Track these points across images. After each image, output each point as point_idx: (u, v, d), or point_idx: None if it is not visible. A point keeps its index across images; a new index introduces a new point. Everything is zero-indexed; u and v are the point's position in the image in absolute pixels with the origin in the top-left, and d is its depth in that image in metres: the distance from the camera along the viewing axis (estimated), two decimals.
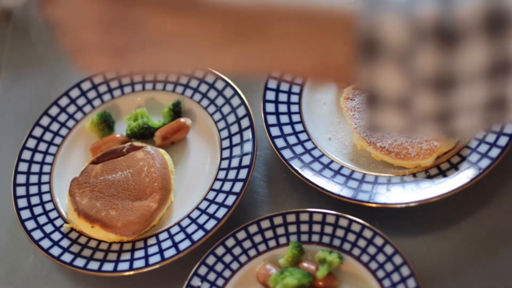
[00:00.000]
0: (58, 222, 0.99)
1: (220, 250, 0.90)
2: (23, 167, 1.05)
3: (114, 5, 0.59)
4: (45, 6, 0.63)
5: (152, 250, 0.94)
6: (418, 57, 0.52)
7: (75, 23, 0.62)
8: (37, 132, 1.08)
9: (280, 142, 0.98)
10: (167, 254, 0.92)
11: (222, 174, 0.98)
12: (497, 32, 0.51)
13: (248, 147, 0.99)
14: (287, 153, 0.97)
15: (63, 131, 1.09)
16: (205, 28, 0.58)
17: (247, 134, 1.01)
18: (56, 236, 0.97)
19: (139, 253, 0.94)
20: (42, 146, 1.07)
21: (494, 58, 0.52)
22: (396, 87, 0.53)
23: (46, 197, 1.02)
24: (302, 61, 0.58)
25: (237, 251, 0.90)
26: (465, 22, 0.51)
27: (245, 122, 1.02)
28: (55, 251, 0.95)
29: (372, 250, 0.87)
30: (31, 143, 1.07)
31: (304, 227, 0.91)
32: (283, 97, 1.03)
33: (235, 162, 0.99)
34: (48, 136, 1.08)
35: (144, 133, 1.06)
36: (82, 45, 0.62)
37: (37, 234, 0.97)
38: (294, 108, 1.03)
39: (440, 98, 0.53)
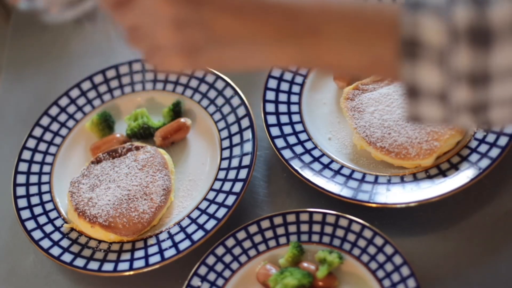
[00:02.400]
0: (58, 222, 0.99)
1: (220, 250, 0.90)
2: (23, 167, 1.05)
3: (186, 7, 0.64)
4: (117, 12, 0.67)
5: (152, 250, 0.94)
6: (454, 56, 0.57)
7: (150, 26, 0.66)
8: (37, 132, 1.08)
9: (280, 142, 0.98)
10: (167, 254, 0.92)
11: (222, 174, 0.98)
12: None
13: (248, 147, 0.99)
14: (287, 153, 0.97)
15: (63, 131, 1.09)
16: (264, 26, 0.64)
17: (247, 134, 1.01)
18: (56, 236, 0.97)
19: (139, 253, 0.94)
20: (42, 146, 1.07)
21: None
22: (435, 82, 0.58)
23: (46, 197, 1.02)
24: (351, 59, 0.63)
25: (237, 251, 0.90)
26: (498, 25, 0.56)
27: (245, 122, 1.02)
28: (55, 251, 0.95)
29: (372, 250, 0.87)
30: (31, 143, 1.07)
31: (304, 227, 0.91)
32: (283, 97, 1.03)
33: (235, 162, 0.99)
34: (48, 136, 1.08)
35: (144, 133, 1.06)
36: (157, 46, 0.66)
37: (37, 234, 0.97)
38: (294, 108, 1.03)
39: (475, 92, 0.58)
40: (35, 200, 1.01)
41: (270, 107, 1.02)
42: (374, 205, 0.90)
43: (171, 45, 0.65)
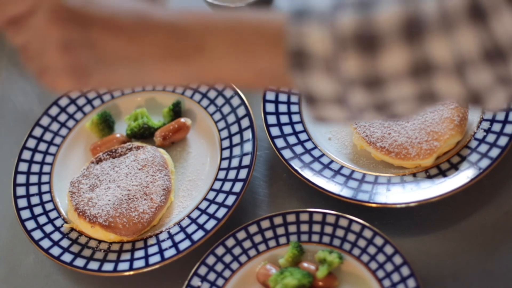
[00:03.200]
0: (58, 222, 0.99)
1: (220, 250, 0.90)
2: (23, 167, 1.05)
3: (73, 29, 0.64)
4: (9, 30, 0.67)
5: (152, 250, 0.94)
6: (343, 63, 0.57)
7: (38, 47, 0.66)
8: (37, 132, 1.08)
9: (280, 142, 0.98)
10: (167, 254, 0.92)
11: (222, 174, 0.98)
12: (415, 37, 0.55)
13: (248, 147, 0.99)
14: (287, 153, 0.97)
15: (63, 131, 1.09)
16: (150, 47, 0.63)
17: (247, 134, 1.01)
18: (56, 236, 0.97)
19: (139, 253, 0.94)
20: (42, 146, 1.07)
21: (414, 60, 0.56)
22: (328, 89, 0.58)
23: (46, 197, 1.02)
24: (238, 73, 0.63)
25: (237, 251, 0.90)
26: (384, 28, 0.55)
27: (245, 122, 1.02)
28: (55, 251, 0.95)
29: (372, 250, 0.87)
30: (31, 143, 1.07)
31: (304, 227, 0.91)
32: (283, 97, 1.03)
33: (235, 162, 0.99)
34: (48, 136, 1.08)
35: (144, 133, 1.06)
36: (45, 67, 0.66)
37: (37, 234, 0.97)
38: (294, 108, 1.02)
39: (373, 94, 0.58)
40: (35, 200, 1.01)
41: (270, 107, 1.02)
42: (374, 205, 0.90)
43: (59, 66, 0.65)
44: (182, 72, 0.64)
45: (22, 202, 1.01)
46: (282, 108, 1.02)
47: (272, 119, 1.01)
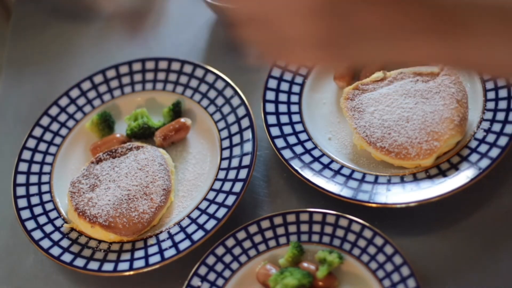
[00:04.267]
0: (58, 222, 0.99)
1: (220, 250, 0.90)
2: (23, 167, 1.05)
3: None
4: (237, 3, 0.62)
5: (152, 250, 0.94)
6: None
7: (283, 16, 0.60)
8: (37, 132, 1.08)
9: (280, 142, 0.98)
10: (167, 254, 0.92)
11: (222, 174, 0.98)
12: None
13: (248, 147, 0.99)
14: (287, 153, 0.97)
15: (63, 131, 1.09)
16: (406, 20, 0.58)
17: (247, 134, 1.01)
18: (56, 236, 0.97)
19: (139, 253, 0.94)
20: (42, 146, 1.07)
21: None
22: None
23: (46, 197, 1.02)
24: (504, 58, 0.58)
25: (237, 251, 0.90)
26: None
27: (245, 122, 1.02)
28: (55, 251, 0.95)
29: (372, 250, 0.87)
30: (31, 143, 1.07)
31: (304, 227, 0.91)
32: (283, 97, 1.04)
33: (235, 162, 0.99)
34: (48, 136, 1.08)
35: (144, 133, 1.06)
36: (288, 38, 0.61)
37: (37, 234, 0.97)
38: (294, 108, 1.03)
39: None
40: (35, 200, 1.01)
41: (270, 107, 1.02)
42: (374, 205, 0.90)
43: (310, 37, 0.60)
44: (439, 51, 0.59)
45: (22, 202, 1.01)
46: (282, 108, 1.02)
47: (272, 119, 1.01)
